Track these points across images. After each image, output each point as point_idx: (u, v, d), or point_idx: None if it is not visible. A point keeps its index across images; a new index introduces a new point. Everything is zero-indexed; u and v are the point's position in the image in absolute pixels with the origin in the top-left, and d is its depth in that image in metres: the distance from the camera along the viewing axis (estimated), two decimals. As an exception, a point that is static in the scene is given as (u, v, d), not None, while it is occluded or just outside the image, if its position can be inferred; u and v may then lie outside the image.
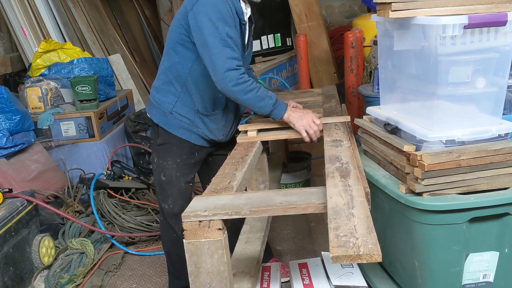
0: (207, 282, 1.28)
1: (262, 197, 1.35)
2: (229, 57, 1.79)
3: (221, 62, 1.78)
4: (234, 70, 1.80)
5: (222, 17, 1.80)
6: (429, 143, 1.63)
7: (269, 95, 1.90)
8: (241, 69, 1.82)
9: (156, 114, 2.05)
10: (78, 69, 3.74)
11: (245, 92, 1.83)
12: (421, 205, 1.54)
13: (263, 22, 5.02)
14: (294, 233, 3.00)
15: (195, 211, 1.27)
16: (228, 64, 1.78)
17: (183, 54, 1.94)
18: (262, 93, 1.87)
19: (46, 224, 2.90)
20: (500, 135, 1.67)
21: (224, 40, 1.79)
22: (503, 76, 1.68)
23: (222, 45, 1.79)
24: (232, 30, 1.83)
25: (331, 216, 1.18)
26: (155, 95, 2.06)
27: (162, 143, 2.06)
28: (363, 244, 1.06)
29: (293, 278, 1.81)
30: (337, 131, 1.88)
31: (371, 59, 4.17)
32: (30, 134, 3.26)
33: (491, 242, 1.61)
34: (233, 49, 1.82)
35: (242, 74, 1.82)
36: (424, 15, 1.60)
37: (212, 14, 1.79)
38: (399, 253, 1.79)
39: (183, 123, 2.02)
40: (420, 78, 1.78)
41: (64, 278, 2.55)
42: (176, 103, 2.00)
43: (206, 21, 1.80)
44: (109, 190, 3.15)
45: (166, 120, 2.02)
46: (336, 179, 1.40)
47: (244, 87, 1.82)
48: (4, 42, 4.37)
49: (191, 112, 2.01)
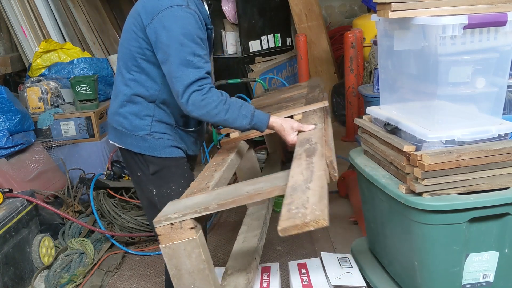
0: (190, 282, 1.28)
1: (230, 190, 1.35)
2: (191, 81, 1.62)
3: (182, 87, 1.62)
4: (195, 92, 1.63)
5: (188, 33, 1.62)
6: (429, 143, 1.63)
7: (244, 115, 1.71)
8: (203, 88, 1.64)
9: (132, 142, 1.81)
10: (78, 69, 3.74)
11: (212, 116, 1.66)
12: (421, 205, 1.54)
13: (263, 22, 5.02)
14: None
15: (166, 215, 1.27)
16: (189, 89, 1.62)
17: (152, 71, 1.74)
18: (231, 112, 1.68)
19: (46, 224, 2.90)
20: (500, 135, 1.66)
21: (186, 60, 1.61)
22: (503, 76, 1.68)
23: (185, 66, 1.62)
24: (198, 46, 1.65)
25: (288, 193, 1.17)
26: (122, 122, 1.81)
27: (157, 170, 1.83)
28: (311, 212, 1.05)
29: (292, 278, 1.81)
30: (313, 117, 1.87)
31: (371, 59, 4.17)
32: (30, 134, 3.26)
33: (491, 242, 1.61)
34: (198, 66, 1.63)
35: (204, 95, 1.64)
36: (424, 15, 1.60)
37: (176, 31, 1.61)
38: (399, 253, 1.79)
39: (166, 140, 1.82)
40: (420, 78, 1.78)
41: (64, 278, 2.55)
42: (152, 122, 1.80)
43: (168, 39, 1.61)
44: (109, 190, 3.15)
45: (148, 146, 1.80)
46: (302, 159, 1.39)
47: (209, 110, 1.64)
48: (4, 42, 4.37)
49: (170, 128, 1.84)
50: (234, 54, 4.97)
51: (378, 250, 2.03)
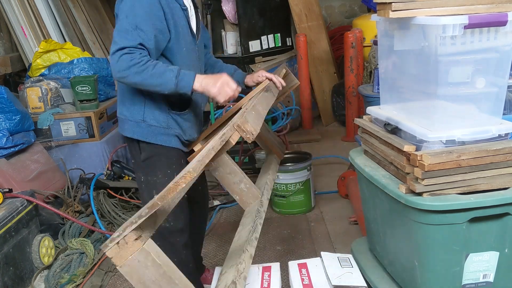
0: None
1: None
2: (124, 46, 1.69)
3: (115, 48, 1.70)
4: (125, 54, 1.69)
5: (135, 5, 1.72)
6: (429, 143, 1.63)
7: (170, 69, 1.75)
8: (134, 52, 1.70)
9: (128, 128, 1.91)
10: (78, 69, 3.74)
11: (138, 73, 1.70)
12: (421, 205, 1.54)
13: (263, 22, 5.02)
14: (294, 233, 3.00)
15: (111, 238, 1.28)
16: (120, 52, 1.69)
17: None
18: (159, 69, 1.73)
19: (46, 224, 2.90)
20: (500, 135, 1.66)
21: (125, 29, 1.71)
22: (503, 76, 1.68)
23: (124, 32, 1.71)
24: (144, 19, 1.72)
25: None
26: (122, 109, 1.94)
27: (147, 157, 1.91)
28: None
29: (293, 278, 1.81)
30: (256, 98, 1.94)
31: (371, 59, 4.17)
32: (30, 134, 3.26)
33: (491, 242, 1.61)
34: (134, 36, 1.71)
35: (133, 56, 1.70)
36: (424, 15, 1.60)
37: (127, 3, 1.73)
38: (399, 253, 1.79)
39: (159, 128, 1.89)
40: (420, 78, 1.78)
41: (64, 278, 2.55)
42: (145, 108, 1.88)
43: (119, 11, 1.75)
44: (109, 190, 3.15)
45: (141, 131, 1.89)
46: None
47: (136, 69, 1.69)
48: (4, 42, 4.37)
49: (163, 114, 1.90)
50: (234, 54, 4.97)
51: (378, 250, 2.03)
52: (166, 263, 1.32)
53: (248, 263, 1.57)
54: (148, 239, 1.30)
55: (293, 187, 3.15)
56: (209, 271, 2.45)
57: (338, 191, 3.42)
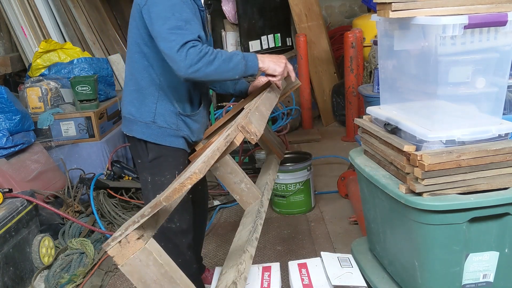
0: None
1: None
2: (186, 41, 1.67)
3: (177, 46, 1.66)
4: (191, 48, 1.67)
5: (176, 3, 1.70)
6: (429, 143, 1.63)
7: (234, 52, 1.77)
8: (197, 44, 1.68)
9: (137, 129, 1.91)
10: (78, 69, 3.75)
11: (210, 62, 1.69)
12: (421, 205, 1.54)
13: (263, 22, 5.02)
14: (294, 233, 3.00)
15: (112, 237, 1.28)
16: (184, 48, 1.66)
17: (151, 55, 1.82)
18: (225, 54, 1.73)
19: (46, 224, 2.90)
20: (500, 135, 1.66)
21: (177, 26, 1.67)
22: (503, 76, 1.68)
23: (178, 29, 1.67)
24: (189, 14, 1.72)
25: None
26: (130, 109, 1.92)
27: (155, 158, 1.92)
28: None
29: (293, 278, 1.81)
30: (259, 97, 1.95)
31: (371, 59, 4.18)
32: (30, 134, 3.26)
33: (491, 242, 1.61)
34: (190, 30, 1.69)
35: (200, 48, 1.68)
36: (424, 15, 1.60)
37: (166, 3, 1.70)
38: (399, 253, 1.79)
39: (169, 129, 1.90)
40: (420, 78, 1.78)
41: (64, 278, 2.55)
42: (156, 110, 1.88)
43: (159, 11, 1.70)
44: (109, 190, 3.15)
45: (151, 132, 1.89)
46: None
47: (207, 59, 1.68)
48: (4, 42, 4.37)
49: (173, 116, 1.90)
50: (234, 54, 4.97)
51: (378, 250, 2.03)
52: (167, 262, 1.32)
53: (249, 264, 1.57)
54: (150, 239, 1.30)
55: (293, 187, 3.15)
56: (209, 271, 2.45)
57: (338, 191, 3.42)
